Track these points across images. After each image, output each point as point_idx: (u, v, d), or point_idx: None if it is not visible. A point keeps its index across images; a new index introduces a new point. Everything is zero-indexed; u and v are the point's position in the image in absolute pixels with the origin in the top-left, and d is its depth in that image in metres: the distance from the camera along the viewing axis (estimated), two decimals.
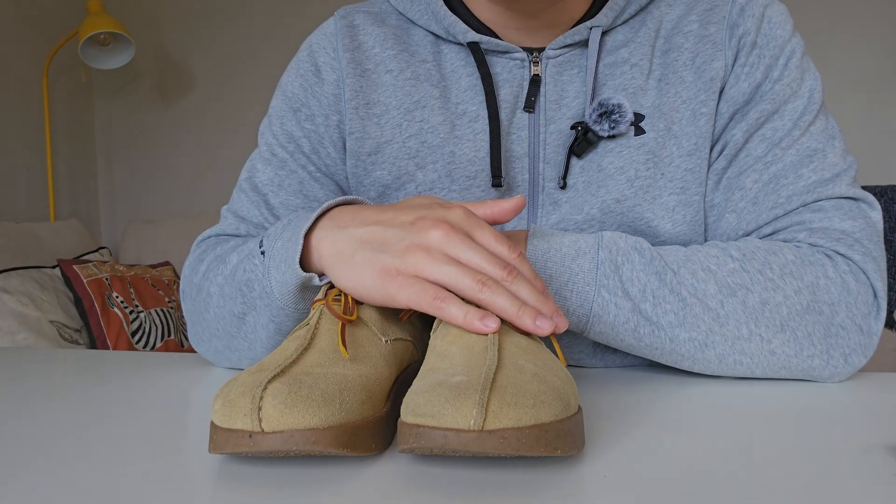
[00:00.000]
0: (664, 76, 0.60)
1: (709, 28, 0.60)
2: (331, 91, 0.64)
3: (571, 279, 0.51)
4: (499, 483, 0.34)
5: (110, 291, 2.03)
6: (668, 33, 0.61)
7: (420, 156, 0.61)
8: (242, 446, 0.35)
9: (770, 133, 0.58)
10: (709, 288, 0.51)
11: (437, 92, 0.62)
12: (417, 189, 0.61)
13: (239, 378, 0.37)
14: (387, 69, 0.63)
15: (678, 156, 0.59)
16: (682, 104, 0.59)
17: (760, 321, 0.50)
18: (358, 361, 0.41)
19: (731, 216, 0.58)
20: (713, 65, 0.59)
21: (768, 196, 0.57)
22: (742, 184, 0.58)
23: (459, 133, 0.61)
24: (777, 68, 0.59)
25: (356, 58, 0.64)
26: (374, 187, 0.63)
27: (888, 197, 1.55)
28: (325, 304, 0.43)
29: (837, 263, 0.53)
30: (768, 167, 0.57)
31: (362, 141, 0.63)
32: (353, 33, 0.65)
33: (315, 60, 0.66)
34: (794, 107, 0.58)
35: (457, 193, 0.61)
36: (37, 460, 0.39)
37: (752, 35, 0.59)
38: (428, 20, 0.63)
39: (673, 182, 0.58)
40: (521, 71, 0.61)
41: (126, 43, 2.39)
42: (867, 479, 0.34)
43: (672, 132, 0.59)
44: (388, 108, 0.62)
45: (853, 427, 0.42)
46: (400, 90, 0.62)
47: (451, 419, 0.32)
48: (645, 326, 0.51)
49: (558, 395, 0.35)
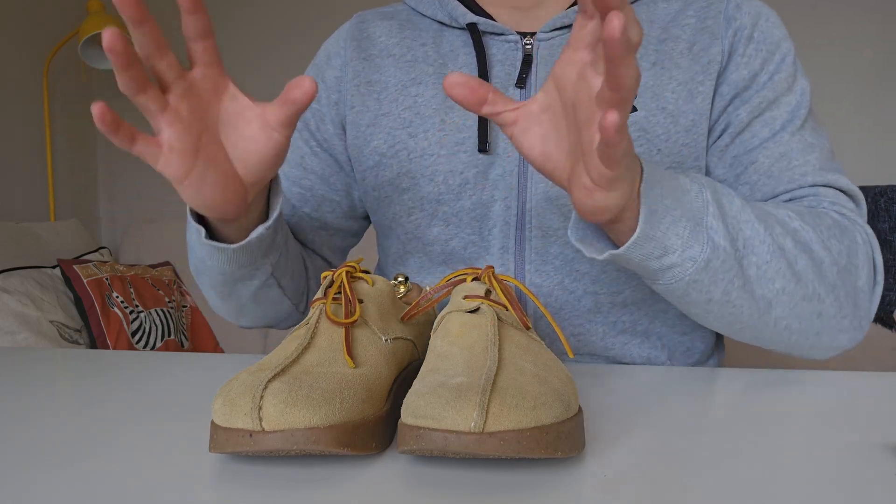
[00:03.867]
0: (659, 61, 0.62)
1: (706, 21, 0.63)
2: (334, 74, 0.71)
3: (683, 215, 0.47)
4: (499, 483, 0.34)
5: (110, 291, 2.03)
6: (664, 24, 0.64)
7: (413, 125, 0.65)
8: (243, 445, 0.35)
9: (770, 120, 0.61)
10: (787, 242, 0.50)
11: (433, 70, 0.66)
12: (409, 156, 0.65)
13: (239, 377, 0.37)
14: (389, 54, 0.68)
15: (675, 132, 0.61)
16: (677, 86, 0.62)
17: (821, 280, 0.51)
18: (358, 361, 0.41)
19: (744, 188, 0.61)
20: (710, 51, 0.62)
21: (783, 171, 0.60)
22: (754, 158, 0.61)
23: (451, 103, 0.64)
24: (773, 62, 0.62)
25: (362, 45, 0.70)
26: (371, 156, 0.67)
27: (888, 197, 1.55)
28: (324, 310, 0.43)
29: (859, 231, 0.56)
30: (777, 146, 0.61)
31: (362, 114, 0.68)
32: (363, 27, 0.71)
33: (328, 51, 0.73)
34: (788, 100, 0.62)
35: (444, 158, 0.63)
36: (37, 460, 0.40)
37: (749, 29, 0.63)
38: (434, 9, 0.68)
39: (669, 157, 0.61)
40: (515, 52, 0.64)
41: None
42: (867, 479, 0.34)
43: (667, 111, 0.61)
44: (387, 86, 0.67)
45: (853, 427, 0.42)
46: (399, 70, 0.67)
47: (451, 421, 0.32)
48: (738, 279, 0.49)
49: (559, 396, 0.35)
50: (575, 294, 0.63)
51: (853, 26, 2.19)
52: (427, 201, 0.65)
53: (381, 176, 0.67)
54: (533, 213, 0.63)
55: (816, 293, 0.52)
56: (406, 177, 0.65)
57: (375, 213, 0.71)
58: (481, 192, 0.63)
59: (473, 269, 0.46)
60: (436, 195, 0.64)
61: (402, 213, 0.66)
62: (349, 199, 0.73)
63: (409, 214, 0.66)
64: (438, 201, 0.64)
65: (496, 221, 0.64)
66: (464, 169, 0.63)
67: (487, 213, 0.64)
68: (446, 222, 0.65)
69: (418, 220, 0.66)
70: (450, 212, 0.64)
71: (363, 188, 0.70)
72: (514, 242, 0.63)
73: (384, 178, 0.66)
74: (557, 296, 0.63)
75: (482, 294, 0.43)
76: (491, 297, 0.43)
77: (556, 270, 0.63)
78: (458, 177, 0.63)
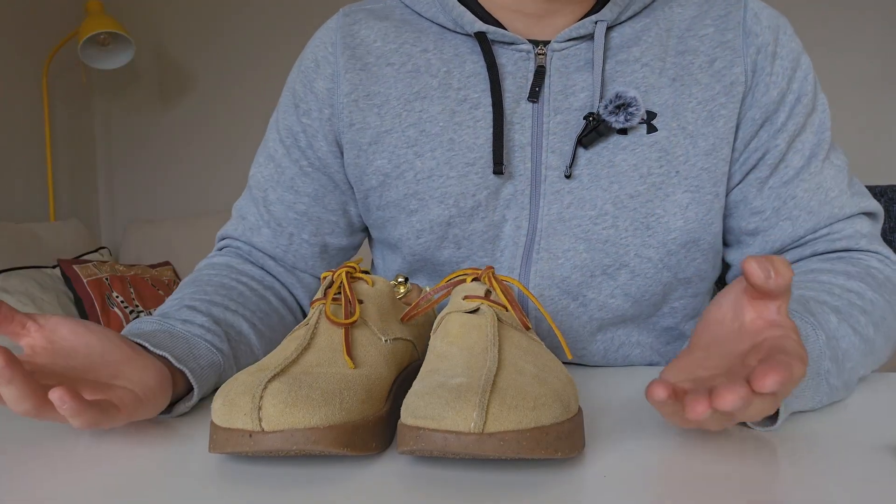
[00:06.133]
0: (678, 76, 0.60)
1: (726, 34, 0.60)
2: (325, 85, 0.65)
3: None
4: (499, 483, 0.34)
5: (110, 291, 2.03)
6: (681, 33, 0.61)
7: (419, 144, 0.61)
8: (243, 446, 0.35)
9: (800, 146, 0.61)
10: (868, 331, 0.51)
11: (437, 82, 0.62)
12: (416, 177, 0.61)
13: (239, 377, 0.37)
14: (388, 62, 0.63)
15: (693, 154, 0.59)
16: (697, 105, 0.59)
17: (888, 345, 0.54)
18: (358, 361, 0.41)
19: (786, 224, 0.61)
20: (732, 70, 0.60)
21: (822, 206, 0.60)
22: (793, 193, 0.61)
23: (459, 120, 0.60)
24: (797, 80, 0.61)
25: (356, 53, 0.64)
26: (375, 176, 0.63)
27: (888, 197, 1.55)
28: (324, 310, 0.43)
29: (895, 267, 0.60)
30: (813, 177, 0.61)
31: (363, 131, 0.63)
32: (353, 30, 0.65)
33: (315, 56, 0.66)
34: (813, 120, 0.61)
35: (454, 180, 0.60)
36: (37, 460, 0.39)
37: (772, 46, 0.61)
38: (435, 12, 0.63)
39: (687, 180, 0.59)
40: (527, 63, 0.61)
41: (126, 43, 2.39)
42: (868, 479, 0.34)
43: (687, 131, 0.59)
44: (389, 99, 0.63)
45: (854, 427, 0.42)
46: (400, 82, 0.62)
47: (451, 422, 0.32)
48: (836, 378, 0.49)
49: (558, 397, 0.35)
50: (580, 320, 0.62)
51: (854, 27, 2.19)
52: (437, 224, 0.62)
53: (386, 197, 0.63)
54: (543, 234, 0.60)
55: (885, 355, 0.54)
56: (413, 198, 0.61)
57: (378, 231, 0.67)
58: (493, 212, 0.61)
59: (473, 269, 0.46)
60: (446, 218, 0.61)
61: (409, 235, 0.63)
62: (346, 217, 0.69)
63: (417, 237, 0.63)
64: (449, 224, 0.61)
65: (507, 242, 0.61)
66: (476, 191, 0.60)
67: (499, 234, 0.61)
68: (458, 245, 0.62)
69: (427, 243, 0.63)
70: (461, 234, 0.62)
71: (365, 206, 0.66)
72: (521, 263, 0.61)
73: (389, 199, 0.63)
74: (562, 320, 0.62)
75: (482, 294, 0.42)
76: (491, 297, 0.43)
77: (562, 295, 0.61)
78: (471, 199, 0.60)
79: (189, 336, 0.51)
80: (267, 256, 0.68)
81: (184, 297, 0.57)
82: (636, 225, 0.59)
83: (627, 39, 0.61)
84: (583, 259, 0.60)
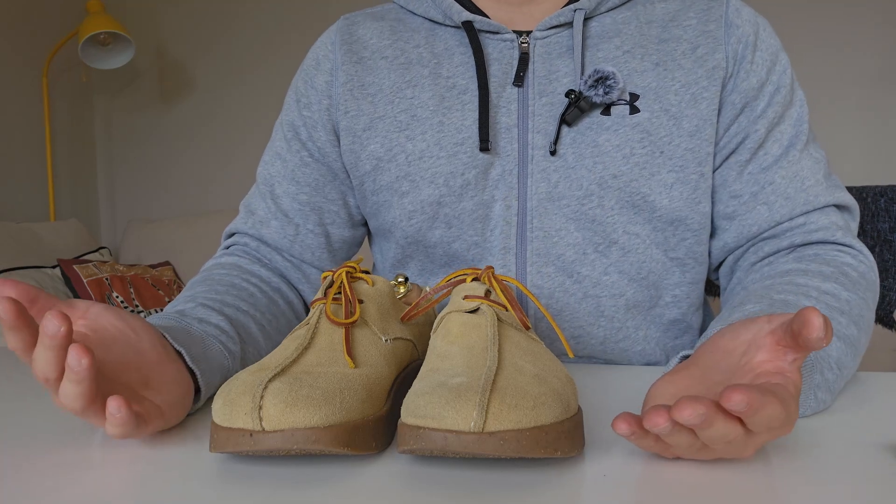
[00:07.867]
0: (662, 61, 0.63)
1: (708, 25, 0.63)
2: (324, 79, 0.69)
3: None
4: (499, 483, 0.35)
5: (110, 291, 2.03)
6: (664, 24, 0.64)
7: (410, 128, 0.64)
8: (243, 445, 0.35)
9: (779, 135, 0.63)
10: (851, 331, 0.51)
11: (428, 71, 0.65)
12: (407, 159, 0.64)
13: (239, 377, 0.37)
14: (382, 56, 0.68)
15: (678, 135, 0.61)
16: (680, 87, 0.62)
17: (867, 333, 0.54)
18: (358, 361, 0.41)
19: (763, 208, 0.63)
20: (714, 56, 0.62)
21: (798, 193, 0.62)
22: (771, 178, 0.63)
23: (448, 104, 0.64)
24: (776, 73, 0.64)
25: (353, 49, 0.68)
26: (369, 161, 0.66)
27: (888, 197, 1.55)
28: (324, 310, 0.43)
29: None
30: (791, 165, 0.63)
31: (357, 118, 0.67)
32: (351, 30, 0.70)
33: (316, 55, 0.71)
34: (791, 113, 0.64)
35: (444, 160, 0.63)
36: (37, 460, 0.40)
37: (753, 37, 0.63)
38: (427, 8, 0.68)
39: (672, 160, 0.61)
40: (511, 51, 0.64)
41: (126, 43, 2.39)
42: (867, 479, 0.34)
43: (670, 113, 0.61)
44: (382, 88, 0.66)
45: (854, 427, 0.42)
46: (393, 73, 0.66)
47: (451, 421, 0.32)
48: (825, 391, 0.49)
49: (558, 396, 0.35)
50: (575, 297, 0.63)
51: (854, 27, 2.19)
52: (428, 204, 0.64)
53: (379, 181, 0.66)
54: (534, 213, 0.62)
55: (864, 344, 0.54)
56: (405, 180, 0.64)
57: (374, 218, 0.70)
58: (482, 192, 0.63)
59: (473, 269, 0.46)
60: (437, 198, 0.64)
61: (402, 217, 0.66)
62: (346, 207, 0.72)
63: (409, 218, 0.65)
64: (440, 203, 0.64)
65: (497, 222, 0.63)
66: (465, 170, 0.63)
67: (488, 214, 0.64)
68: (448, 224, 0.65)
69: (419, 224, 0.65)
70: (451, 214, 0.64)
71: (361, 193, 0.69)
72: (516, 243, 0.63)
73: (382, 182, 0.66)
74: (558, 298, 0.63)
75: (482, 294, 0.43)
76: (491, 297, 0.43)
77: (557, 272, 0.63)
78: (460, 178, 0.63)
79: (205, 336, 0.51)
80: (275, 251, 0.71)
81: (196, 294, 0.58)
82: (622, 204, 0.62)
83: (608, 29, 0.64)
84: (574, 238, 0.62)
